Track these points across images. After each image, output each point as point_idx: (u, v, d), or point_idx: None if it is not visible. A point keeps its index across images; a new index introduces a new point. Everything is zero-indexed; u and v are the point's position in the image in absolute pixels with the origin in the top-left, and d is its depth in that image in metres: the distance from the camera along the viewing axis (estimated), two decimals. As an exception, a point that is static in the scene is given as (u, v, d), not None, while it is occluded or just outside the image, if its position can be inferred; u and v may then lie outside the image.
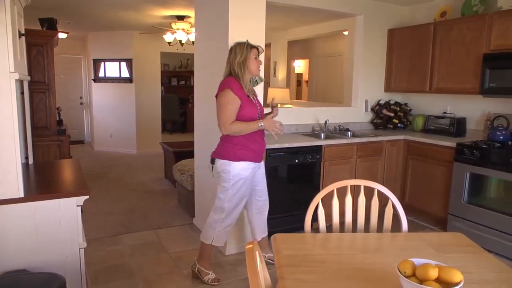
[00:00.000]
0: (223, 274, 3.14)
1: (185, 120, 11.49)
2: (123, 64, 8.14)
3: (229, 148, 2.81)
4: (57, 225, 2.13)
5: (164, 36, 6.84)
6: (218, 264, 3.29)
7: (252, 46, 2.83)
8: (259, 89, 3.39)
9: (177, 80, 12.19)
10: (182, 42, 6.57)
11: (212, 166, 2.92)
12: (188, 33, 6.44)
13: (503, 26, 3.78)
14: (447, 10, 4.56)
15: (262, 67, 3.28)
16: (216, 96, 2.84)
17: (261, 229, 3.19)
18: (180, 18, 6.06)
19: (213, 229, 2.95)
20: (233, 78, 2.79)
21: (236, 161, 2.80)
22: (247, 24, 3.26)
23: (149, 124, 8.37)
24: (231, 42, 3.19)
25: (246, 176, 2.85)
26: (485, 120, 4.28)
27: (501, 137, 3.86)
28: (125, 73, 8.17)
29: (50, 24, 4.63)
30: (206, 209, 3.84)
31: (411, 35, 4.73)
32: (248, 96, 2.83)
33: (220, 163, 2.86)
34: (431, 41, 4.47)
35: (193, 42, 5.74)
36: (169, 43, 6.88)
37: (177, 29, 6.27)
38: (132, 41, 7.95)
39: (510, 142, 3.83)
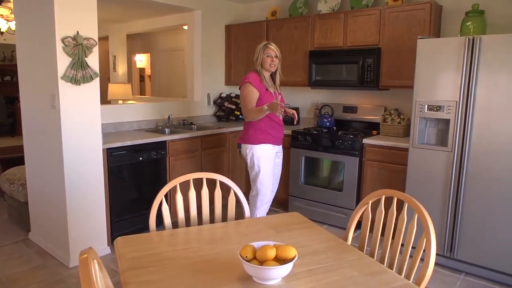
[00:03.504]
0: (67, 288, 2.87)
1: (15, 122, 10.05)
2: None
3: (252, 133, 3.27)
4: None
5: (-24, 24, 5.84)
6: (61, 280, 2.99)
7: (265, 46, 3.23)
8: (95, 86, 3.17)
9: (1, 75, 10.62)
10: (2, 30, 5.72)
11: (240, 151, 3.41)
12: (8, 20, 5.63)
13: (323, 28, 4.28)
14: (277, 10, 4.93)
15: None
16: (240, 89, 3.32)
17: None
18: (-4, 3, 5.27)
19: (255, 208, 3.38)
20: (254, 73, 3.27)
21: (258, 144, 3.24)
22: (77, 15, 2.99)
23: (-36, 129, 7.10)
24: (59, 34, 2.91)
25: (268, 156, 3.30)
26: (314, 109, 4.79)
27: (328, 124, 4.38)
28: None
29: None
30: (45, 221, 3.45)
31: (246, 31, 4.99)
32: (267, 89, 3.25)
33: (245, 147, 3.33)
34: (265, 38, 4.78)
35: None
36: (-17, 32, 5.91)
37: (-7, 15, 5.44)
38: None
39: (334, 128, 4.37)
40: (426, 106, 3.21)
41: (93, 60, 3.14)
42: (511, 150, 2.86)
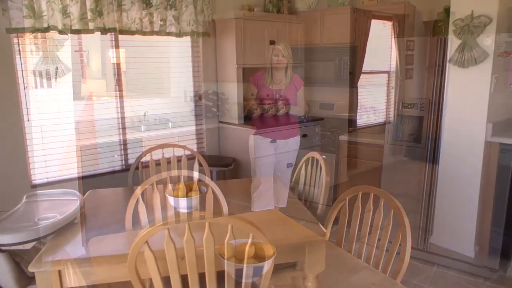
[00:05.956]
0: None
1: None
2: None
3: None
4: None
5: None
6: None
7: (274, 46, 3.46)
8: (68, 80, 3.08)
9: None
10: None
11: None
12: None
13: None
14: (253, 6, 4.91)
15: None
16: None
17: (283, 200, 3.65)
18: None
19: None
20: (261, 71, 3.56)
21: (252, 134, 3.53)
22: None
23: None
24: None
25: (258, 147, 3.48)
26: (291, 106, 4.79)
27: (304, 121, 4.39)
28: None
29: None
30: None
31: (222, 27, 4.94)
32: (265, 86, 3.49)
33: None
34: (242, 34, 4.75)
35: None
36: None
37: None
38: None
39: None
40: (401, 104, 3.27)
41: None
42: (479, 147, 2.95)
